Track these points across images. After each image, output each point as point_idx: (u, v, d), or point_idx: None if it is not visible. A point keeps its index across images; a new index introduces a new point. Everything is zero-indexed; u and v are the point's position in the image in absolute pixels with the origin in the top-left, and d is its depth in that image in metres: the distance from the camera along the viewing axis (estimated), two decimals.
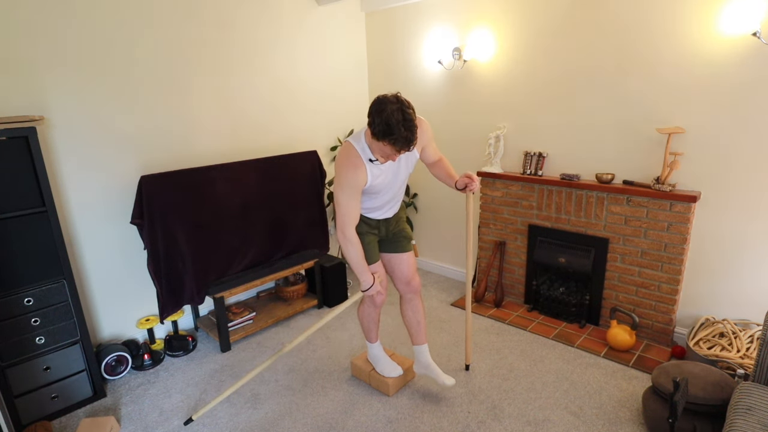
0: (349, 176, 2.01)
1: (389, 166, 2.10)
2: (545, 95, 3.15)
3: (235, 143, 3.31)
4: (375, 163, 2.04)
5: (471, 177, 2.23)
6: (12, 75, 2.35)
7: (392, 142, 1.83)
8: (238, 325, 3.17)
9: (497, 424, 2.27)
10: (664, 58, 2.62)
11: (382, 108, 1.82)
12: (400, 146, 1.84)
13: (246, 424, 2.32)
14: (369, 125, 1.88)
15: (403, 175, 2.19)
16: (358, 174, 2.01)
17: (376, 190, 2.13)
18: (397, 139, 1.81)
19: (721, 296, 2.70)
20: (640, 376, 2.60)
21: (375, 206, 2.23)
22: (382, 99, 1.84)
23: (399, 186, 2.23)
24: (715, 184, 2.59)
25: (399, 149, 1.86)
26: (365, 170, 2.03)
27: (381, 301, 2.39)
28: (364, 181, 2.04)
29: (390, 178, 2.14)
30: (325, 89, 3.87)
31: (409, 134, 1.82)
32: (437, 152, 2.35)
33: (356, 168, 2.01)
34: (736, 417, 1.66)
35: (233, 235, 3.10)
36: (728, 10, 2.37)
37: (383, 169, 2.09)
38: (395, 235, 2.37)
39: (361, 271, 2.17)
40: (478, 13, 3.35)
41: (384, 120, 1.80)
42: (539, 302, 3.36)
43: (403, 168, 2.17)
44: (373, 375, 2.56)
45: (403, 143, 1.83)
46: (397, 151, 1.87)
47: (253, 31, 3.30)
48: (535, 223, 3.31)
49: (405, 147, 1.85)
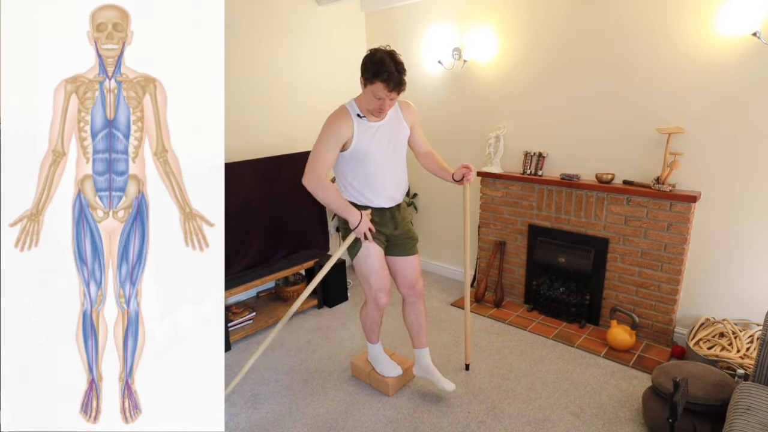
0: (333, 125, 2.06)
1: (377, 128, 2.12)
2: (545, 95, 3.15)
3: (235, 143, 3.31)
4: (362, 119, 2.08)
5: (468, 167, 2.25)
6: None
7: (384, 80, 1.92)
8: (238, 325, 3.17)
9: (497, 424, 2.27)
10: (664, 58, 2.62)
11: (373, 53, 1.97)
12: (392, 84, 1.93)
13: (246, 424, 2.32)
14: (362, 74, 1.99)
15: (393, 146, 2.19)
16: (341, 123, 2.06)
17: (361, 151, 2.11)
18: (390, 75, 1.91)
19: (721, 296, 2.70)
20: (640, 376, 2.60)
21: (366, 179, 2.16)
22: (373, 49, 1.99)
23: (391, 159, 2.19)
24: (715, 184, 2.59)
25: (391, 88, 1.93)
26: (351, 124, 2.07)
27: (384, 302, 2.36)
28: (347, 134, 2.07)
29: (380, 145, 2.13)
30: (325, 89, 3.86)
31: (399, 75, 1.93)
32: (427, 143, 2.37)
33: (343, 120, 2.07)
34: (736, 417, 1.66)
35: (233, 235, 3.10)
36: (728, 10, 2.37)
37: (372, 128, 2.11)
38: (402, 236, 2.33)
39: (342, 209, 2.10)
40: (478, 13, 3.36)
41: (376, 61, 1.92)
42: (539, 302, 3.36)
43: (394, 137, 2.18)
44: (373, 375, 2.56)
45: (395, 81, 1.92)
46: (388, 91, 1.94)
47: (253, 31, 3.30)
48: (535, 223, 3.31)
49: (397, 86, 1.94)
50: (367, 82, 1.98)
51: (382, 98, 1.98)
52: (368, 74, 1.95)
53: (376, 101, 2.00)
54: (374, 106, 2.02)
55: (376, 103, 2.00)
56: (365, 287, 2.35)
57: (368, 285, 2.31)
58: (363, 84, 2.01)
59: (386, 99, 1.99)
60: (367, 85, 1.99)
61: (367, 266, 2.25)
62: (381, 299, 2.33)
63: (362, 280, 2.32)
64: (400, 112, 2.23)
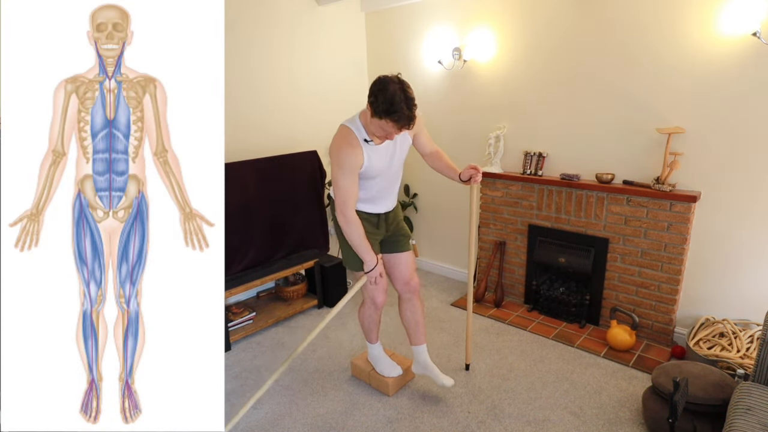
0: (349, 156, 2.04)
1: (384, 149, 2.12)
2: (545, 95, 3.15)
3: (235, 143, 3.31)
4: (370, 144, 2.07)
5: (476, 168, 2.26)
6: None
7: (395, 120, 1.89)
8: (238, 325, 3.17)
9: (497, 424, 2.27)
10: (664, 58, 2.62)
11: (384, 87, 1.87)
12: (403, 123, 1.90)
13: (246, 424, 2.32)
14: (370, 104, 1.92)
15: (396, 162, 2.21)
16: (356, 154, 2.05)
17: (371, 173, 2.13)
18: (401, 116, 1.88)
19: (721, 296, 2.70)
20: (640, 376, 2.60)
21: (371, 195, 2.22)
22: (384, 79, 1.90)
23: (393, 174, 2.23)
24: (715, 184, 2.59)
25: (401, 126, 1.91)
26: (362, 150, 2.06)
27: (382, 302, 2.37)
28: (361, 162, 2.07)
29: (385, 163, 2.15)
30: (325, 89, 3.87)
31: (410, 113, 1.90)
32: (432, 143, 2.38)
33: (354, 148, 2.05)
34: (736, 417, 1.66)
35: (233, 235, 3.10)
36: (728, 10, 2.37)
37: (378, 152, 2.11)
38: (394, 234, 2.36)
39: (363, 251, 2.15)
40: (478, 13, 3.36)
41: (387, 98, 1.86)
42: (539, 302, 3.36)
43: (398, 153, 2.19)
44: (373, 375, 2.56)
45: (405, 120, 1.90)
46: (398, 129, 1.93)
47: (253, 30, 3.30)
48: (535, 223, 3.31)
49: (406, 124, 1.92)
50: (375, 115, 1.90)
51: (389, 132, 1.97)
52: (378, 109, 1.88)
53: (383, 132, 1.97)
54: (381, 134, 2.00)
55: (384, 133, 1.98)
56: (363, 289, 2.36)
57: (365, 285, 2.32)
58: (371, 112, 1.92)
59: (393, 134, 1.98)
60: (375, 117, 1.91)
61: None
62: (378, 298, 2.35)
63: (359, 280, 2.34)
64: None
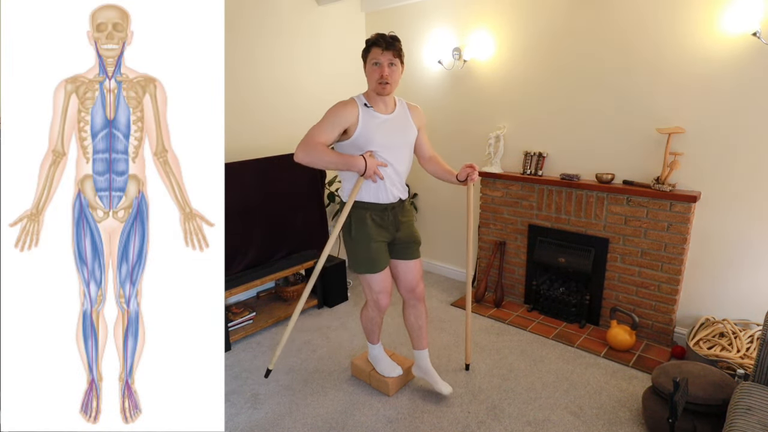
0: (336, 109, 2.08)
1: (386, 123, 2.11)
2: (545, 95, 3.15)
3: (235, 143, 3.31)
4: (370, 109, 2.08)
5: (472, 166, 2.25)
6: None
7: (376, 44, 2.00)
8: (238, 325, 3.17)
9: (497, 424, 2.27)
10: (663, 58, 2.62)
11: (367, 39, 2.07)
12: (385, 43, 1.99)
13: (246, 424, 2.32)
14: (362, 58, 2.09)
15: (402, 140, 2.16)
16: (346, 107, 2.07)
17: (368, 138, 2.06)
18: (381, 37, 2.00)
19: (721, 296, 2.70)
20: (640, 376, 2.60)
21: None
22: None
23: (400, 154, 2.16)
24: (715, 184, 2.59)
25: (384, 47, 2.00)
26: (357, 110, 2.07)
27: (385, 305, 2.33)
28: (351, 119, 2.06)
29: (388, 137, 2.10)
30: (325, 89, 3.86)
31: (391, 38, 2.01)
32: (430, 147, 2.38)
33: (345, 104, 2.09)
34: (736, 417, 1.66)
35: (233, 235, 3.09)
36: (728, 10, 2.37)
37: (378, 119, 2.09)
38: (405, 240, 2.30)
39: (344, 162, 2.01)
40: (478, 13, 3.36)
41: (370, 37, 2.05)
42: (539, 302, 3.36)
43: (403, 130, 2.18)
44: (373, 375, 2.56)
45: (386, 41, 2.00)
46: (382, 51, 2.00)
47: (253, 30, 3.30)
48: (535, 223, 3.31)
49: (389, 46, 2.00)
50: (365, 59, 2.07)
51: (380, 63, 2.02)
52: (365, 51, 2.06)
53: (376, 70, 2.03)
54: (376, 77, 2.03)
55: (377, 71, 2.03)
56: (366, 290, 2.32)
57: (369, 288, 2.29)
58: (364, 66, 2.09)
59: (384, 65, 2.02)
60: (366, 61, 2.07)
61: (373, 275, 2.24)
62: (382, 301, 2.31)
63: (363, 282, 2.30)
64: (408, 113, 2.23)
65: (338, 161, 2.03)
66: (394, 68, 2.04)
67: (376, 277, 2.24)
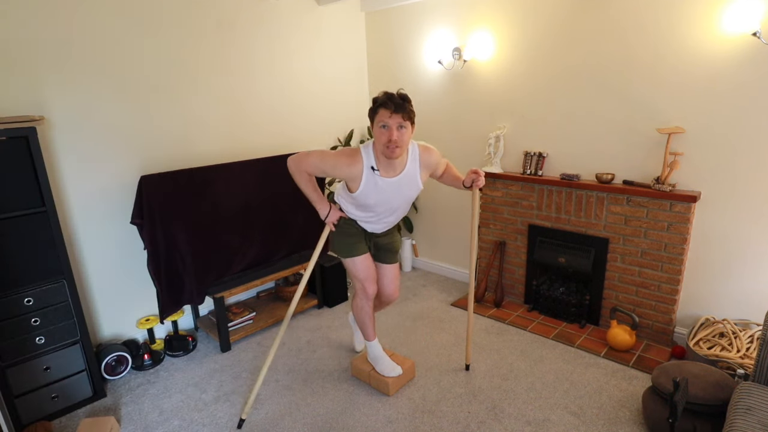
0: (343, 158, 2.08)
1: (388, 185, 2.11)
2: (545, 95, 3.15)
3: (235, 143, 3.31)
4: (376, 173, 2.06)
5: (477, 172, 2.26)
6: (13, 74, 2.35)
7: (384, 105, 1.93)
8: (238, 325, 3.17)
9: (497, 424, 2.27)
10: (664, 58, 2.62)
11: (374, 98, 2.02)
12: (393, 105, 1.92)
13: (246, 424, 2.32)
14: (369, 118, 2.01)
15: (402, 200, 2.23)
16: (351, 168, 2.07)
17: (364, 201, 2.15)
18: (390, 98, 1.93)
19: (721, 296, 2.70)
20: (640, 376, 2.60)
21: (369, 215, 2.27)
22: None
23: (399, 207, 2.26)
24: (716, 184, 2.59)
25: (392, 110, 1.92)
26: (361, 171, 2.06)
27: (372, 291, 2.43)
28: (352, 175, 2.07)
29: (387, 198, 2.16)
30: (325, 89, 3.86)
31: (402, 101, 1.94)
32: (444, 167, 2.37)
33: (354, 159, 2.07)
34: (736, 417, 1.66)
35: (233, 235, 3.10)
36: (728, 10, 2.37)
37: (381, 185, 2.10)
38: (386, 245, 2.46)
39: (315, 200, 2.26)
40: (478, 13, 3.35)
41: (378, 97, 1.98)
42: (539, 302, 3.36)
43: (406, 194, 2.20)
44: (373, 375, 2.56)
45: (395, 103, 1.92)
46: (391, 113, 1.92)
47: (252, 31, 3.30)
48: (535, 223, 3.31)
49: (398, 108, 1.93)
50: (371, 118, 1.99)
51: (388, 126, 1.93)
52: (373, 107, 1.98)
53: (384, 133, 1.94)
54: (384, 140, 1.95)
55: (384, 134, 1.94)
56: (354, 279, 2.45)
57: (356, 277, 2.41)
58: (371, 126, 2.02)
59: (393, 128, 1.93)
60: (373, 121, 1.98)
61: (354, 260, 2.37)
62: (369, 288, 2.42)
63: (351, 272, 2.43)
64: (418, 168, 2.15)
65: (310, 194, 2.25)
66: (403, 131, 1.95)
67: (357, 264, 2.36)
